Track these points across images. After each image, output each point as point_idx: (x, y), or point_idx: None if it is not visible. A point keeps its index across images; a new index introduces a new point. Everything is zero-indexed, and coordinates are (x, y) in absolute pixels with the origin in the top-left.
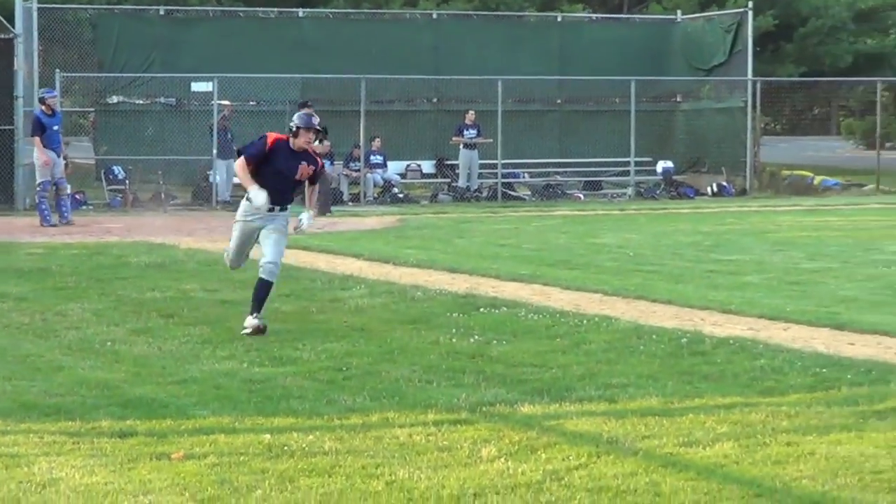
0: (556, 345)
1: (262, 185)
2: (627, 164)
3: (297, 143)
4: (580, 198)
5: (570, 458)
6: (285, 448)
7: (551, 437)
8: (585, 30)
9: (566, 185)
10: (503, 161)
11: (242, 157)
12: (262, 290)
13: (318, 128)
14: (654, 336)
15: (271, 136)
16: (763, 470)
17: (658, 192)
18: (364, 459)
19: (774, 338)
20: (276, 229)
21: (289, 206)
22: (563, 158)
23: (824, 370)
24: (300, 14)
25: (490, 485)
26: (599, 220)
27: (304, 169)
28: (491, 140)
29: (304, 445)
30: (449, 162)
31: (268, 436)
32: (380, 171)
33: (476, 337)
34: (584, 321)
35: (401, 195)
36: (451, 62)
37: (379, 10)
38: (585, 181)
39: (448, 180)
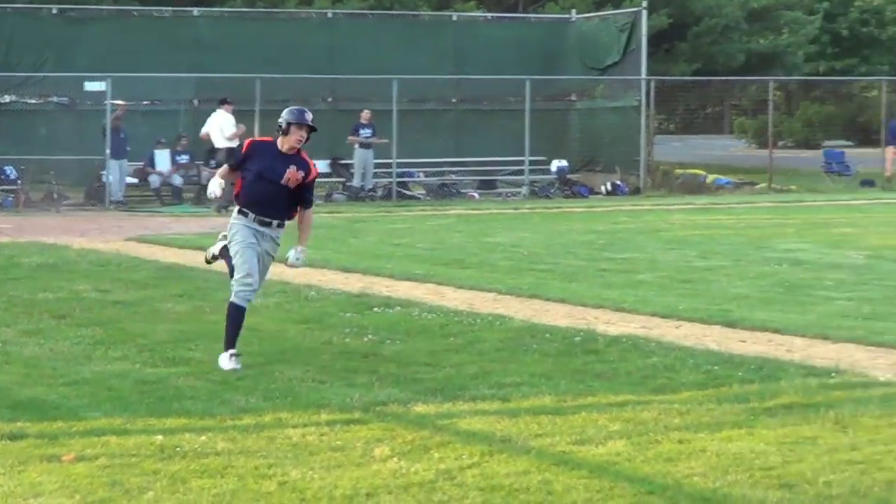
0: (450, 344)
1: (247, 193)
2: (522, 163)
3: (288, 142)
4: (475, 197)
5: (463, 457)
6: (177, 449)
7: (444, 437)
8: (481, 29)
9: (461, 185)
10: (398, 160)
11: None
12: (238, 316)
13: (311, 125)
14: (547, 335)
15: (248, 140)
16: (655, 467)
17: (552, 190)
18: (257, 460)
19: (667, 336)
20: (268, 254)
21: (284, 225)
22: (459, 157)
23: (716, 367)
24: (195, 13)
25: (383, 484)
26: (494, 219)
27: (293, 174)
28: (387, 140)
29: (196, 446)
30: (343, 161)
31: (160, 437)
32: None
33: (369, 336)
34: (478, 320)
35: None
36: (346, 61)
37: (274, 10)
38: (480, 180)
39: (343, 180)
